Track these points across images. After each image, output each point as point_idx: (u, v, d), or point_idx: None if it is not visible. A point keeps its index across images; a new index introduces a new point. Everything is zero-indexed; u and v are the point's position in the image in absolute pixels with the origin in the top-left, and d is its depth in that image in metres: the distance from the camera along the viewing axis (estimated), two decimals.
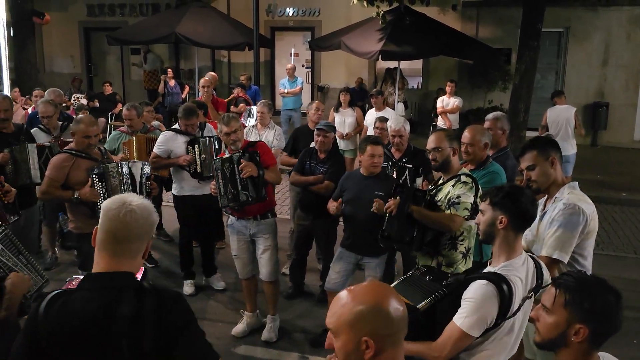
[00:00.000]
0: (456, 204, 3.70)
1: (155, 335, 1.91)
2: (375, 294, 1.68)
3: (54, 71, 17.57)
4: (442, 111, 11.13)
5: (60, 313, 1.94)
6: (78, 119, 4.73)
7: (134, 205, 2.03)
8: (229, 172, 4.67)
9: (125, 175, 4.72)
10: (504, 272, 2.62)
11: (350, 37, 12.32)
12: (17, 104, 9.61)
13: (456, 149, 3.86)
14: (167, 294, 2.04)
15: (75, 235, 4.86)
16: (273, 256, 5.02)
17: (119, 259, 2.03)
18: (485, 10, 14.49)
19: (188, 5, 14.50)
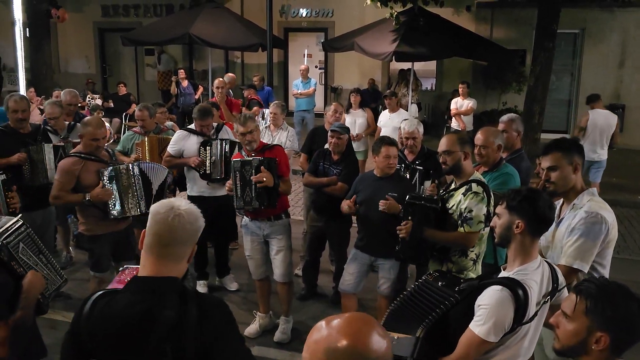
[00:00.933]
0: (469, 219, 3.63)
1: (196, 340, 1.93)
2: (354, 332, 1.48)
3: (69, 72, 17.72)
4: (455, 113, 11.08)
5: (103, 314, 1.97)
6: (85, 121, 4.70)
7: (182, 210, 2.04)
8: (248, 175, 4.67)
9: (137, 176, 4.74)
10: (518, 276, 2.59)
11: (363, 38, 12.30)
12: (33, 104, 9.70)
13: (468, 153, 3.77)
14: (209, 300, 2.07)
15: (87, 237, 4.85)
16: (287, 257, 5.01)
17: (165, 262, 2.04)
18: (500, 11, 14.40)
19: (202, 6, 14.55)
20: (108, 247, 4.82)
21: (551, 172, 3.26)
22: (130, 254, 5.09)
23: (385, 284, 4.71)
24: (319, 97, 14.89)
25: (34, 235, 2.89)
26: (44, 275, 2.86)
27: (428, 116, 15.02)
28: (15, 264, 2.70)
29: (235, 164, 4.77)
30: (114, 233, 4.79)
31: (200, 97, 13.91)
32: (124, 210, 4.69)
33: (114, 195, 4.62)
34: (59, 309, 5.40)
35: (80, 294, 5.72)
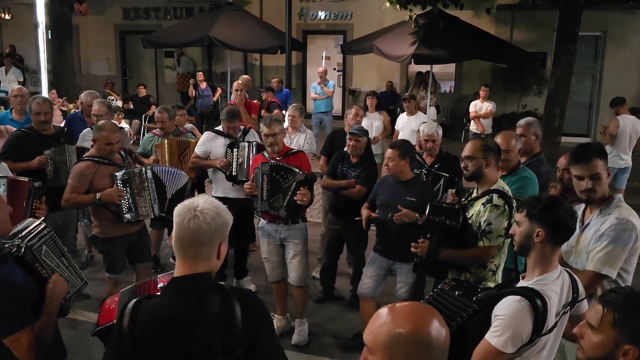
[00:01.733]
0: (488, 232, 3.55)
1: (243, 332, 1.97)
2: (416, 319, 1.57)
3: (91, 74, 17.91)
4: (474, 116, 11.01)
5: (145, 320, 1.99)
6: (100, 125, 4.70)
7: (197, 211, 2.05)
8: (285, 183, 4.68)
9: (150, 179, 4.77)
10: (538, 286, 2.53)
11: (382, 41, 12.27)
12: (55, 105, 9.82)
13: (490, 161, 3.65)
14: (246, 294, 2.12)
15: (100, 240, 4.85)
16: (302, 261, 5.02)
17: (193, 263, 2.07)
18: (520, 14, 14.27)
19: (221, 9, 14.64)
20: (122, 249, 4.85)
21: (593, 181, 3.17)
22: (145, 255, 5.13)
23: (403, 288, 4.68)
24: (337, 100, 14.88)
25: (56, 238, 2.91)
26: (65, 277, 2.88)
27: (447, 119, 14.94)
28: (38, 266, 2.73)
29: (263, 167, 4.77)
30: (128, 235, 4.82)
31: (218, 99, 13.99)
32: (137, 213, 4.72)
33: (127, 198, 4.64)
34: (78, 309, 5.46)
35: (99, 294, 5.76)
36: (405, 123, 8.52)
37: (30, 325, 2.53)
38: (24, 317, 2.52)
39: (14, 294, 2.50)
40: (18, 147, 5.28)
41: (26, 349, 2.50)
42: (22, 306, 2.53)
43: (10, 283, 2.50)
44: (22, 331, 2.49)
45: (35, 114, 5.37)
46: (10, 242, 2.68)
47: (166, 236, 6.97)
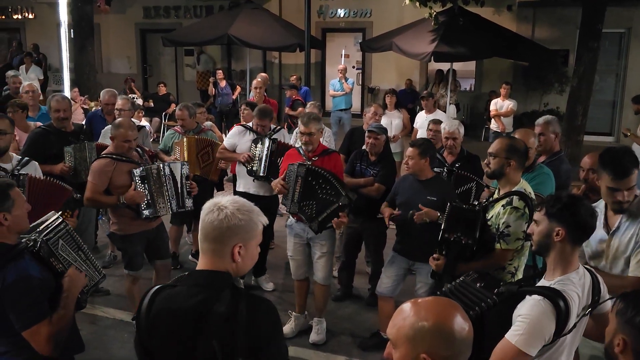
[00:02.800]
0: (506, 235, 3.50)
1: (246, 337, 1.95)
2: (439, 312, 1.61)
3: (111, 72, 18.08)
4: (495, 114, 10.89)
5: (161, 308, 2.03)
6: (117, 123, 4.74)
7: (216, 207, 2.06)
8: (318, 190, 4.66)
9: (167, 176, 4.79)
10: (560, 286, 2.49)
11: (401, 38, 12.21)
12: (77, 103, 9.93)
13: (513, 162, 3.58)
14: (259, 298, 2.10)
15: (119, 236, 4.88)
16: (328, 262, 5.02)
17: (207, 257, 2.08)
18: (542, 11, 14.08)
19: (241, 7, 14.68)
20: (140, 245, 4.88)
21: (629, 191, 3.14)
22: (164, 252, 5.15)
23: (422, 288, 4.65)
24: (356, 98, 14.84)
25: (73, 232, 2.95)
26: (83, 271, 2.91)
27: (466, 117, 14.81)
28: (54, 260, 2.76)
29: (299, 169, 4.71)
30: (146, 232, 4.84)
31: (238, 98, 14.03)
32: (156, 209, 4.74)
33: (146, 195, 4.66)
34: (98, 305, 5.52)
35: (119, 290, 5.82)
36: (424, 121, 8.46)
37: (47, 318, 2.56)
38: (41, 310, 2.56)
39: (31, 288, 2.53)
40: (39, 144, 5.34)
41: (45, 341, 2.54)
42: (39, 299, 2.56)
43: (26, 277, 2.54)
44: (40, 324, 2.53)
45: (54, 111, 5.43)
46: (27, 236, 2.72)
47: (185, 233, 7.01)
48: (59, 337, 2.59)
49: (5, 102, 6.95)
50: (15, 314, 2.52)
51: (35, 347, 2.54)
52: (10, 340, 2.62)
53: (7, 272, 2.51)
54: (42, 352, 2.55)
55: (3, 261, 2.53)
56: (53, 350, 2.57)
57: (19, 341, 2.58)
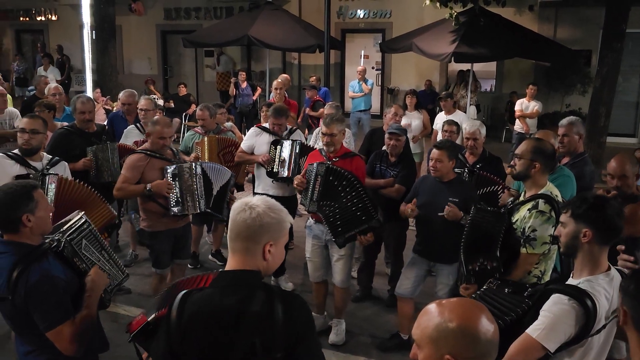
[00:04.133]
0: (532, 239, 3.46)
1: (283, 334, 1.96)
2: (464, 313, 1.60)
3: (133, 73, 18.27)
4: (520, 115, 10.78)
5: (194, 312, 2.00)
6: (154, 120, 4.86)
7: (247, 206, 2.08)
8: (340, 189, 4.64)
9: (199, 175, 4.83)
10: (587, 286, 2.48)
11: (422, 39, 12.15)
12: (99, 104, 10.05)
13: (538, 164, 3.54)
14: (292, 295, 2.10)
15: (147, 233, 4.97)
16: (347, 264, 4.98)
17: (238, 257, 2.09)
18: (564, 11, 13.93)
19: (261, 8, 14.72)
20: (168, 243, 4.93)
21: None
22: (185, 252, 5.20)
23: (443, 290, 4.62)
24: (376, 99, 14.80)
25: (96, 232, 2.97)
26: (106, 270, 2.94)
27: (487, 118, 14.69)
28: (77, 260, 2.78)
29: (319, 168, 4.70)
30: (173, 230, 4.91)
31: (258, 98, 14.08)
32: (184, 207, 4.79)
33: (176, 192, 4.72)
34: (120, 303, 5.57)
35: (141, 289, 5.88)
36: (443, 122, 8.41)
37: (71, 317, 2.58)
38: (64, 311, 2.58)
39: (54, 288, 2.56)
40: (63, 144, 5.42)
41: (69, 341, 2.56)
42: (62, 300, 2.58)
43: (50, 277, 2.56)
44: (64, 324, 2.55)
45: (79, 113, 5.50)
46: (51, 237, 2.75)
47: (205, 233, 7.05)
48: (83, 337, 2.61)
49: (32, 103, 7.08)
50: (39, 315, 2.54)
51: (59, 348, 2.57)
52: (34, 340, 2.66)
53: (31, 273, 2.53)
54: (66, 353, 2.58)
55: (27, 262, 2.56)
56: (77, 351, 2.59)
57: (43, 341, 2.61)
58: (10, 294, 2.53)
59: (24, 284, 2.52)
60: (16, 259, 2.57)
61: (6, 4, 19.91)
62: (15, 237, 2.66)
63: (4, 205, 2.63)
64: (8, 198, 2.63)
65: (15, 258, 2.57)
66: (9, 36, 20.46)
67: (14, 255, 2.59)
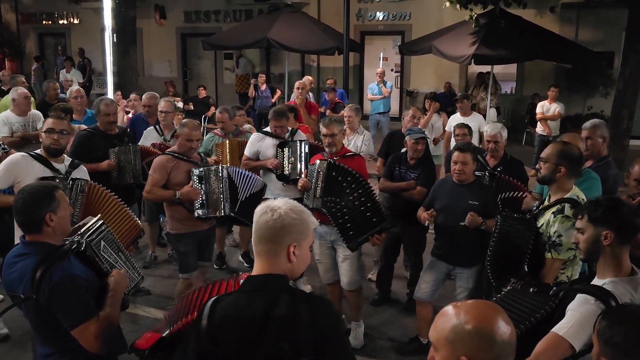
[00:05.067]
0: (558, 245, 3.41)
1: (310, 336, 1.97)
2: (480, 315, 1.61)
3: (152, 75, 18.44)
4: (541, 117, 10.66)
5: (224, 317, 2.02)
6: (183, 123, 4.90)
7: (269, 208, 2.09)
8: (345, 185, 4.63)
9: (224, 179, 4.85)
10: (612, 288, 2.48)
11: (441, 41, 12.10)
12: (119, 106, 10.13)
13: (563, 169, 3.50)
14: (319, 300, 2.11)
15: (173, 235, 5.02)
16: (353, 265, 4.92)
17: (263, 260, 2.10)
18: (586, 12, 13.78)
19: (280, 11, 14.78)
20: (193, 246, 4.95)
21: None
22: (207, 254, 5.21)
23: (462, 294, 4.58)
24: (395, 101, 14.76)
25: (113, 235, 3.01)
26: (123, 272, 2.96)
27: (507, 120, 14.56)
28: (98, 260, 2.81)
29: (320, 165, 4.70)
30: (198, 232, 4.93)
31: (277, 101, 14.11)
32: (209, 210, 4.81)
33: (201, 195, 4.75)
34: (139, 304, 5.61)
35: (160, 290, 5.93)
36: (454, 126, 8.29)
37: (95, 316, 2.61)
38: (88, 309, 2.61)
39: (77, 287, 2.59)
40: (86, 146, 5.48)
41: (94, 338, 2.58)
42: (85, 298, 2.61)
43: (72, 276, 2.59)
44: (88, 322, 2.58)
45: (104, 115, 5.56)
46: (70, 238, 2.78)
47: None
48: (107, 335, 2.63)
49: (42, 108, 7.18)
50: (63, 313, 2.57)
51: (84, 345, 2.59)
52: (54, 343, 2.68)
53: (54, 272, 2.56)
54: (91, 350, 2.60)
55: (49, 261, 2.59)
56: (102, 348, 2.61)
57: (63, 343, 2.64)
58: (34, 293, 2.56)
59: (48, 283, 2.55)
60: (39, 258, 2.60)
61: (29, 8, 20.25)
62: (38, 237, 2.70)
63: (28, 205, 2.67)
64: (31, 198, 2.68)
65: (37, 258, 2.61)
66: (32, 39, 20.77)
67: (36, 256, 2.62)
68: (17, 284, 2.63)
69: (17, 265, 2.65)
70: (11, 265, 2.68)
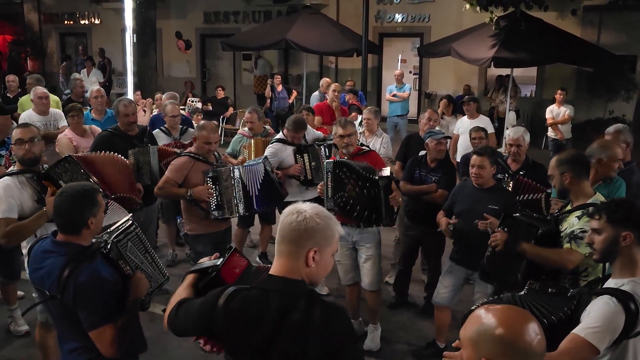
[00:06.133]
0: (579, 238, 3.38)
1: (320, 343, 1.98)
2: (505, 320, 1.62)
3: (171, 76, 18.55)
4: (552, 122, 10.54)
5: (241, 311, 2.05)
6: (201, 125, 4.94)
7: (296, 211, 2.11)
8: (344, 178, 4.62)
9: (237, 179, 4.88)
10: (630, 288, 2.50)
11: (461, 43, 12.02)
12: (139, 106, 10.20)
13: (568, 174, 3.51)
14: (332, 306, 2.11)
15: (190, 236, 5.07)
16: (375, 266, 4.93)
17: (283, 260, 2.10)
18: (609, 15, 13.59)
19: (299, 13, 14.80)
20: (210, 247, 4.97)
21: None
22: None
23: (481, 299, 4.52)
24: (413, 103, 14.71)
25: (141, 234, 3.00)
26: (148, 273, 2.97)
27: (526, 124, 14.41)
28: (122, 262, 2.82)
29: (327, 166, 4.74)
30: (215, 233, 4.97)
31: (294, 102, 14.13)
32: (224, 211, 4.83)
33: (216, 196, 4.77)
34: (158, 304, 5.62)
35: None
36: (467, 127, 8.21)
37: (114, 320, 2.62)
38: (109, 312, 2.62)
39: (102, 289, 2.60)
40: (106, 147, 5.48)
41: (109, 343, 2.59)
42: (108, 301, 2.62)
43: (99, 278, 2.60)
44: (107, 326, 2.59)
45: (123, 116, 5.58)
46: (98, 237, 2.79)
47: None
48: (123, 340, 2.64)
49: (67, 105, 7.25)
50: (85, 314, 2.58)
51: (99, 348, 2.60)
52: (81, 337, 2.69)
53: (81, 272, 2.58)
54: (106, 354, 2.61)
55: (77, 261, 2.61)
56: (115, 353, 2.62)
57: (87, 338, 2.64)
58: (60, 292, 2.57)
59: (74, 283, 2.56)
60: (67, 258, 2.62)
61: (52, 8, 20.50)
62: (72, 238, 2.72)
63: (74, 208, 2.68)
64: (77, 202, 2.69)
65: (66, 258, 2.62)
66: (53, 39, 21.03)
67: (64, 255, 2.64)
68: (45, 280, 2.65)
69: (47, 262, 2.67)
70: (39, 260, 2.71)
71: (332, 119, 8.31)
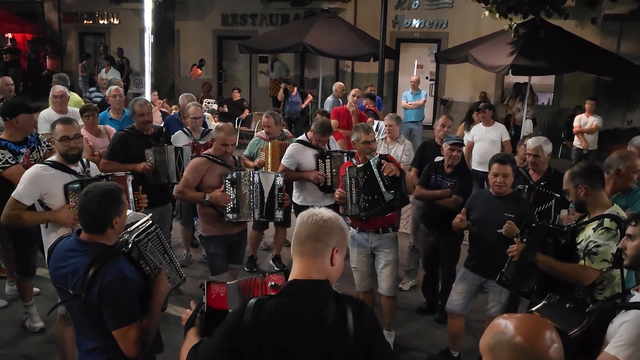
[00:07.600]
0: (593, 254, 3.35)
1: (356, 342, 1.99)
2: (523, 328, 1.63)
3: (188, 77, 18.62)
4: (578, 131, 10.43)
5: (269, 322, 2.00)
6: (219, 127, 4.94)
7: (317, 212, 2.14)
8: (364, 181, 4.64)
9: (256, 184, 4.88)
10: None
11: (479, 50, 11.94)
12: (155, 106, 10.26)
13: (582, 186, 3.49)
14: (360, 304, 2.12)
15: (204, 237, 5.09)
16: (394, 271, 4.94)
17: (308, 260, 2.10)
18: (629, 24, 13.43)
19: (316, 16, 14.81)
20: (222, 248, 4.98)
21: None
22: (238, 257, 5.23)
23: (495, 307, 4.50)
24: (428, 109, 14.65)
25: (161, 235, 3.00)
26: (167, 273, 2.97)
27: (543, 133, 14.29)
28: (143, 262, 2.82)
29: (350, 172, 4.77)
30: (229, 236, 4.97)
31: (308, 106, 14.13)
32: (239, 215, 4.84)
33: (233, 199, 4.78)
34: (171, 304, 5.64)
35: (191, 290, 5.95)
36: (483, 134, 8.15)
37: (138, 320, 2.62)
38: (133, 312, 2.62)
39: (127, 289, 2.60)
40: (123, 147, 5.53)
41: (133, 343, 2.59)
42: (132, 301, 2.62)
43: (123, 277, 2.60)
44: (131, 325, 2.59)
45: (138, 115, 5.60)
46: (119, 236, 2.79)
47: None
48: (146, 340, 2.64)
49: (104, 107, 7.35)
50: (109, 313, 2.58)
51: (122, 348, 2.60)
52: (101, 337, 2.69)
53: (106, 272, 2.58)
54: (129, 354, 2.61)
55: (102, 261, 2.61)
56: (138, 353, 2.63)
57: (107, 338, 2.65)
58: (85, 292, 2.58)
59: (99, 282, 2.57)
60: (91, 258, 2.62)
61: (71, 8, 20.71)
62: (97, 237, 2.72)
63: (99, 207, 2.69)
64: (104, 201, 2.70)
65: (90, 257, 2.63)
66: (73, 38, 21.22)
67: (89, 255, 2.65)
68: (69, 279, 2.65)
69: (71, 260, 2.68)
70: (63, 259, 2.71)
71: (348, 123, 8.29)
